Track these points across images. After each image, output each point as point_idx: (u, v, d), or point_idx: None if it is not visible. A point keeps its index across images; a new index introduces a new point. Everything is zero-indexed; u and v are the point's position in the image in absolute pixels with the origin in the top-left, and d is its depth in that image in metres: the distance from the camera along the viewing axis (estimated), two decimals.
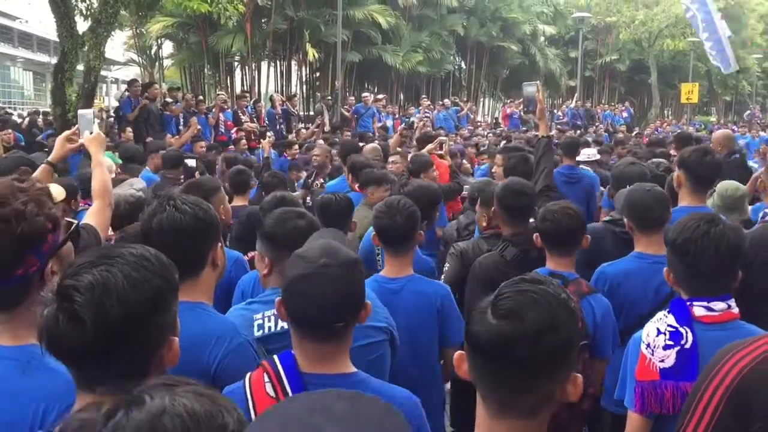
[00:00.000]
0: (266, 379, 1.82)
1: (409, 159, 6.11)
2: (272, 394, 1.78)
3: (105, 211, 2.89)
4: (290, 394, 1.75)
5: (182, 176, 6.10)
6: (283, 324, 2.36)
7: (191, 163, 6.28)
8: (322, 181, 5.97)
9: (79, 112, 3.48)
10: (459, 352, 1.45)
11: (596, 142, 10.70)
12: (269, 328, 2.41)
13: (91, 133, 3.15)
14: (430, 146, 7.21)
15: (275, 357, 1.86)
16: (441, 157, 6.91)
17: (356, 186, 5.16)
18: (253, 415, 1.75)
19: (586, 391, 2.78)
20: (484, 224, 4.03)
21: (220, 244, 2.21)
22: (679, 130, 17.31)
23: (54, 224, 1.72)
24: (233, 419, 0.98)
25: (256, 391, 1.81)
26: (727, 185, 4.10)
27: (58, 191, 3.05)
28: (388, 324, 2.56)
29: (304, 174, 7.18)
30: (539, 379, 1.32)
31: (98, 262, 1.39)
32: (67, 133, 3.32)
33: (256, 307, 2.49)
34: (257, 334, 2.38)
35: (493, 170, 5.63)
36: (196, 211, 2.13)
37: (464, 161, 8.89)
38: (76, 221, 1.98)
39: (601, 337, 2.98)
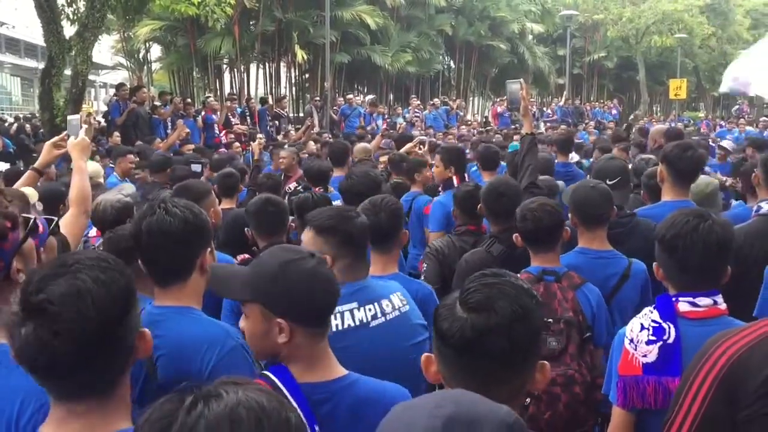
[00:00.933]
0: None
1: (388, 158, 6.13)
2: None
3: (80, 218, 2.87)
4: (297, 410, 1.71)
5: (169, 180, 6.01)
6: (349, 321, 2.38)
7: (196, 168, 6.16)
8: (296, 185, 5.85)
9: (68, 117, 3.47)
10: (426, 354, 1.46)
11: (603, 150, 9.82)
12: (336, 326, 2.37)
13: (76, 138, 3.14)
14: (408, 146, 7.25)
15: (268, 373, 1.79)
16: (420, 155, 6.98)
17: None
18: None
19: (595, 381, 2.82)
20: (458, 222, 4.11)
21: (209, 249, 2.20)
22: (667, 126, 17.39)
23: (12, 222, 1.73)
24: (294, 415, 1.04)
25: None
26: (698, 181, 4.14)
27: (30, 192, 3.05)
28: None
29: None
30: (511, 370, 1.35)
31: (61, 271, 1.38)
32: (54, 139, 3.31)
33: None
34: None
35: (432, 170, 5.67)
36: (186, 215, 2.13)
37: None
38: (34, 217, 1.93)
39: (599, 325, 3.01)
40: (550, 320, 2.86)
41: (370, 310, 2.43)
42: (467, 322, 1.33)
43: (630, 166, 5.04)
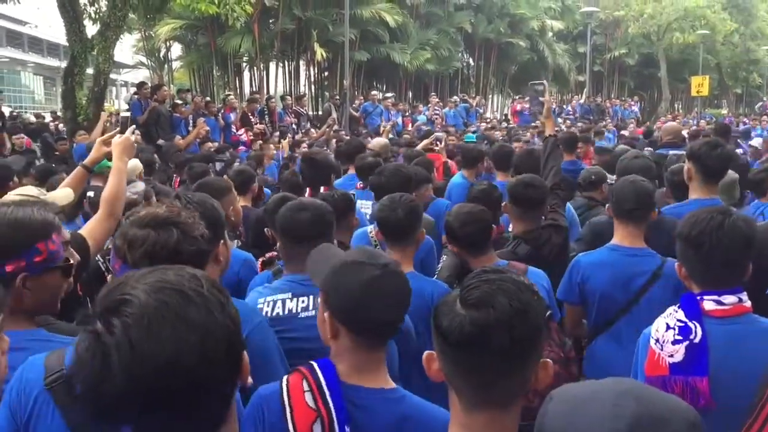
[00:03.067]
0: (306, 387, 1.77)
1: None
2: (312, 405, 1.74)
3: (107, 221, 2.81)
4: (331, 407, 1.72)
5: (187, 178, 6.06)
6: (278, 310, 2.54)
7: (219, 166, 6.18)
8: None
9: (122, 115, 3.50)
10: (428, 352, 1.45)
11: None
12: (266, 313, 2.54)
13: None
14: (425, 142, 7.29)
15: (314, 364, 1.81)
16: (436, 152, 7.01)
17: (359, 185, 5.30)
18: (290, 424, 1.73)
19: (569, 356, 2.92)
20: None
21: (222, 241, 2.27)
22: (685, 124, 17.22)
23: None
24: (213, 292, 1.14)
25: (295, 400, 1.76)
26: None
27: (64, 194, 3.06)
28: None
29: None
30: (512, 366, 1.34)
31: None
32: (105, 136, 3.31)
33: (265, 292, 2.66)
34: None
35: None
36: (200, 210, 2.21)
37: None
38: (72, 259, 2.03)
39: (552, 303, 3.13)
40: None
41: (303, 301, 2.56)
42: (466, 319, 1.32)
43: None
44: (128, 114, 12.85)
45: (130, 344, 1.02)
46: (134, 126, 5.59)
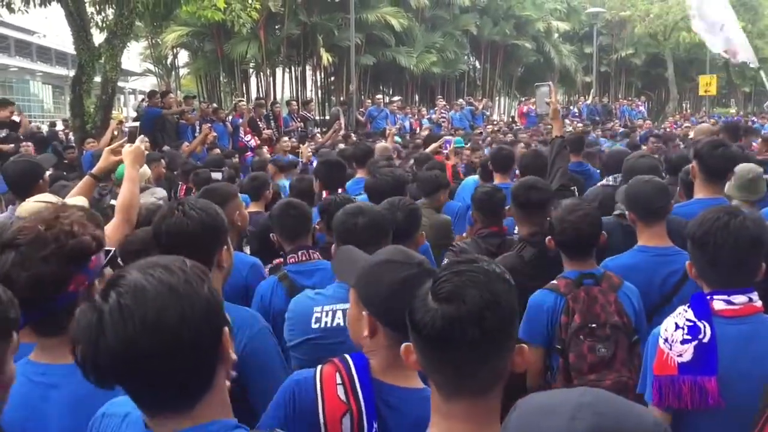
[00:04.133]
0: (338, 380, 1.81)
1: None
2: (343, 399, 1.78)
3: (122, 227, 2.88)
4: (361, 402, 1.76)
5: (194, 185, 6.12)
6: (338, 320, 2.48)
7: (216, 176, 6.20)
8: None
9: (128, 124, 3.54)
10: (406, 344, 1.46)
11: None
12: (326, 323, 2.51)
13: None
14: (434, 145, 7.31)
15: (348, 358, 1.85)
16: (446, 156, 7.01)
17: None
18: (321, 413, 1.77)
19: None
20: (478, 225, 4.03)
21: (225, 247, 2.30)
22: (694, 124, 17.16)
23: (98, 243, 1.81)
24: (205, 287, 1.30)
25: (328, 392, 1.80)
26: (741, 167, 4.07)
27: (79, 202, 3.10)
28: None
29: None
30: (487, 357, 1.34)
31: None
32: (113, 145, 3.35)
33: (319, 299, 2.60)
34: (314, 326, 2.52)
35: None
36: (202, 216, 2.26)
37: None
38: (112, 249, 2.06)
39: (642, 327, 2.92)
40: (594, 325, 2.78)
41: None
42: (437, 313, 1.32)
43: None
44: (136, 124, 12.91)
45: (119, 307, 1.21)
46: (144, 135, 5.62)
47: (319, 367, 1.86)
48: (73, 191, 3.39)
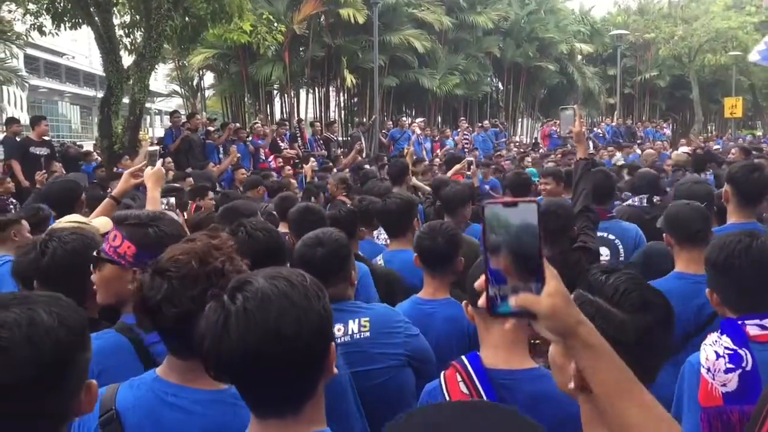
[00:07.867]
0: (459, 378, 2.07)
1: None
2: (465, 391, 2.03)
3: None
4: (479, 387, 2.02)
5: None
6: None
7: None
8: None
9: (148, 148, 3.62)
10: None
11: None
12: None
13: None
14: (457, 167, 7.31)
15: (464, 358, 2.11)
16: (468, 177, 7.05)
17: None
18: None
19: None
20: None
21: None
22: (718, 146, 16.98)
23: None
24: (320, 301, 1.42)
25: (452, 390, 2.06)
26: None
27: (104, 222, 3.13)
28: (407, 350, 2.69)
29: None
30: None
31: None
32: (132, 168, 3.43)
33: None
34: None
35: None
36: (265, 236, 2.57)
37: None
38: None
39: None
40: None
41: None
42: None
43: None
44: (155, 148, 13.15)
45: (245, 311, 1.32)
46: (164, 158, 5.74)
47: (442, 373, 2.13)
48: (95, 212, 3.46)
